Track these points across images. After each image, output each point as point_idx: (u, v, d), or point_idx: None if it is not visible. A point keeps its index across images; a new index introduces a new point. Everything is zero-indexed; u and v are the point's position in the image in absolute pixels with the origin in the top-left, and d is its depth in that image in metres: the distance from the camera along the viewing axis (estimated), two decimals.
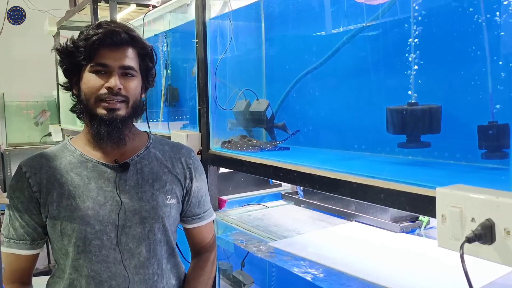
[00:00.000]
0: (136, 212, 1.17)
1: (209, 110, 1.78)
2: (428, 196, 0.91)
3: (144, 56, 1.22)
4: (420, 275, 1.26)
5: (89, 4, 2.78)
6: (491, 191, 0.76)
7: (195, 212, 1.31)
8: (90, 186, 1.16)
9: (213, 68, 1.78)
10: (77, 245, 1.13)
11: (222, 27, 1.80)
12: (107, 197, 1.16)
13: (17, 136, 4.56)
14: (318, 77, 1.63)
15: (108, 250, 1.14)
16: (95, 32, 1.14)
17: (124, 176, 1.19)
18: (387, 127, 1.24)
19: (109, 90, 1.13)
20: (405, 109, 1.20)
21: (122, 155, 1.21)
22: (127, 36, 1.16)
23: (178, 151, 1.30)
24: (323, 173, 1.23)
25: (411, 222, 1.58)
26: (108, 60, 1.14)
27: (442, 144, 1.21)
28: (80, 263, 1.14)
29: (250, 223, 1.82)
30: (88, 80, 1.15)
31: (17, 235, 1.16)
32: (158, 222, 1.19)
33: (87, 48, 1.13)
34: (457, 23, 1.21)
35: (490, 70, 1.09)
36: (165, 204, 1.21)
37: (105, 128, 1.14)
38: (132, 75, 1.17)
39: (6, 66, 4.45)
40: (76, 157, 1.20)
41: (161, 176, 1.23)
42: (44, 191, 1.15)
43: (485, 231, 0.73)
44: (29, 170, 1.17)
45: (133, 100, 1.18)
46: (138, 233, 1.17)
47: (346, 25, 1.53)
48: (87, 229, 1.13)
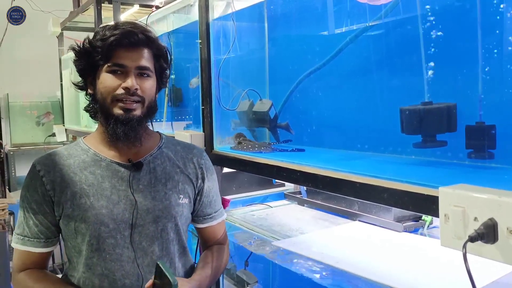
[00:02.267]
0: (149, 211, 1.18)
1: (212, 110, 1.79)
2: (431, 196, 0.91)
3: (159, 57, 1.23)
4: (423, 274, 1.27)
5: (92, 5, 2.79)
6: (493, 191, 0.77)
7: (206, 212, 1.32)
8: (104, 184, 1.17)
9: (217, 68, 1.79)
10: (91, 244, 1.14)
11: (225, 27, 1.81)
12: (120, 196, 1.16)
13: (21, 136, 4.57)
14: (321, 77, 1.63)
15: (122, 248, 1.15)
16: (112, 33, 1.15)
17: (138, 175, 1.20)
18: (401, 128, 1.23)
19: (126, 90, 1.14)
20: (420, 108, 1.19)
21: (135, 155, 1.22)
22: (144, 37, 1.18)
23: (190, 151, 1.31)
24: (326, 173, 1.23)
25: (414, 221, 1.59)
26: (125, 60, 1.15)
27: (459, 142, 1.18)
28: (93, 261, 1.14)
29: (254, 222, 1.83)
30: (105, 80, 1.16)
31: (31, 233, 1.17)
32: (171, 221, 1.20)
33: (104, 48, 1.14)
34: (462, 22, 1.21)
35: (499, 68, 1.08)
36: (177, 203, 1.22)
37: (122, 128, 1.15)
38: (148, 75, 1.19)
39: (10, 67, 4.46)
40: (89, 156, 1.20)
41: (174, 176, 1.24)
42: (58, 189, 1.15)
43: (487, 230, 0.73)
44: (43, 169, 1.17)
45: (149, 100, 1.20)
46: (151, 231, 1.18)
47: (349, 25, 1.53)
48: (101, 228, 1.13)
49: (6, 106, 4.54)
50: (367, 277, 1.26)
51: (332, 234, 1.66)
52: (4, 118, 4.46)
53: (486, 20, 1.10)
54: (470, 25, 1.14)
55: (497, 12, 1.08)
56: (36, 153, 4.44)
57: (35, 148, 4.42)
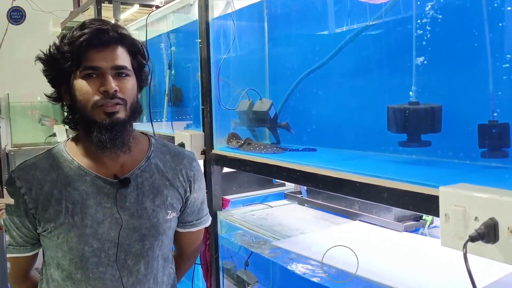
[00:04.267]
0: (135, 230, 1.13)
1: (212, 110, 1.79)
2: (431, 195, 0.91)
3: (135, 54, 1.14)
4: (423, 274, 1.26)
5: (92, 5, 2.79)
6: (494, 190, 0.76)
7: (188, 220, 1.29)
8: (89, 202, 1.10)
9: (216, 68, 1.79)
10: (75, 262, 1.10)
11: (225, 27, 1.81)
12: (106, 214, 1.10)
13: (21, 137, 4.57)
14: (321, 77, 1.63)
15: (105, 267, 1.10)
16: (80, 33, 1.05)
17: (124, 191, 1.12)
18: (388, 126, 1.23)
19: (104, 94, 1.05)
20: (406, 108, 1.19)
21: (121, 167, 1.15)
22: (116, 34, 1.08)
23: (179, 162, 1.24)
24: (326, 173, 1.23)
25: (415, 221, 1.58)
26: (98, 62, 1.05)
27: (442, 143, 1.20)
28: (77, 277, 1.11)
29: (254, 222, 1.82)
30: (80, 87, 1.06)
31: (16, 243, 1.15)
32: (157, 239, 1.16)
33: (74, 52, 1.05)
34: (460, 22, 1.20)
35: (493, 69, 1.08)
36: (165, 219, 1.17)
37: (107, 135, 1.06)
38: (127, 74, 1.10)
39: (11, 67, 4.47)
40: (73, 169, 1.12)
41: (163, 190, 1.18)
42: (40, 208, 1.09)
43: (488, 230, 0.73)
44: (24, 186, 1.10)
45: (131, 101, 1.11)
46: (137, 250, 1.13)
47: (350, 25, 1.53)
48: (85, 248, 1.08)
49: (6, 106, 4.54)
50: (368, 277, 1.25)
51: (332, 234, 1.65)
52: (4, 118, 4.46)
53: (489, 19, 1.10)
54: (474, 23, 1.13)
55: (500, 10, 1.08)
56: (37, 153, 4.44)
57: (36, 148, 4.41)
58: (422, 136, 1.19)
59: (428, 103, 1.19)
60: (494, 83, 1.09)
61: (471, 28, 1.14)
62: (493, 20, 1.08)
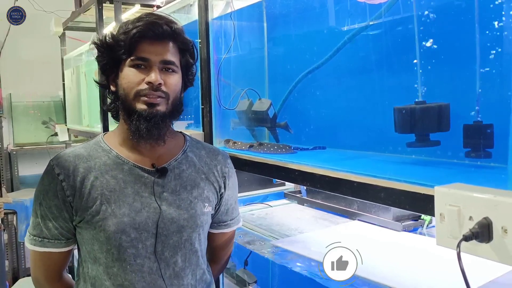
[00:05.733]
0: (173, 221, 1.12)
1: (212, 110, 1.79)
2: (427, 195, 0.91)
3: (184, 52, 1.16)
4: (422, 273, 1.26)
5: (94, 5, 2.80)
6: (488, 190, 0.76)
7: (221, 219, 1.28)
8: (126, 190, 1.10)
9: (216, 68, 1.79)
10: (111, 253, 1.08)
11: (225, 27, 1.81)
12: (143, 203, 1.10)
13: (24, 136, 4.58)
14: (320, 76, 1.63)
15: (143, 259, 1.09)
16: (135, 25, 1.09)
17: (162, 181, 1.13)
18: (395, 127, 1.22)
19: (149, 85, 1.08)
20: (413, 108, 1.18)
21: (159, 158, 1.16)
22: (169, 29, 1.11)
23: (214, 157, 1.26)
24: (324, 172, 1.23)
25: (413, 220, 1.59)
26: (148, 54, 1.09)
27: (451, 142, 1.18)
28: (114, 271, 1.08)
29: (254, 222, 1.83)
30: (127, 74, 1.10)
31: (51, 235, 1.12)
32: (195, 231, 1.15)
33: (127, 41, 1.08)
34: (460, 21, 1.20)
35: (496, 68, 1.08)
36: (203, 212, 1.17)
37: (145, 124, 1.08)
38: (173, 70, 1.12)
39: (13, 67, 4.48)
40: (111, 158, 1.13)
41: (199, 182, 1.18)
42: (78, 195, 1.09)
43: (482, 230, 0.73)
44: (63, 172, 1.10)
45: (173, 96, 1.13)
46: (175, 241, 1.12)
47: (349, 24, 1.53)
48: (122, 237, 1.07)
49: (9, 106, 4.56)
50: (366, 276, 1.25)
51: (331, 233, 1.66)
52: (7, 118, 4.48)
53: (488, 18, 1.09)
54: (474, 22, 1.13)
55: (495, 10, 1.08)
56: (39, 153, 4.47)
57: (38, 148, 4.43)
58: (430, 135, 1.18)
59: (435, 102, 1.18)
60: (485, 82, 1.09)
61: (472, 26, 1.14)
62: (493, 18, 1.08)
